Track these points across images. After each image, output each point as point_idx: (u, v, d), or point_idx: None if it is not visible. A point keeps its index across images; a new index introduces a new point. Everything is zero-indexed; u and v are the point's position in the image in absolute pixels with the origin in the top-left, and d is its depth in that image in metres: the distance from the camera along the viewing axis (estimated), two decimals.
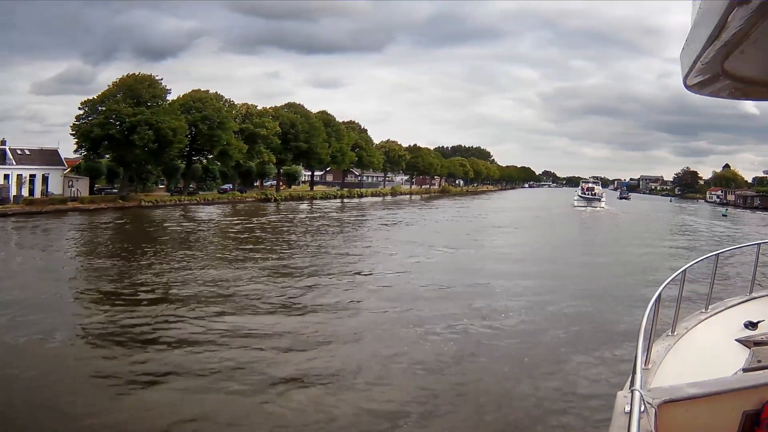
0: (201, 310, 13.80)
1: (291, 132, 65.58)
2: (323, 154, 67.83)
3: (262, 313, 13.80)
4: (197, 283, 17.10)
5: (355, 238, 30.66)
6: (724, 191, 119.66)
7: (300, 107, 69.22)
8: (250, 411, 8.33)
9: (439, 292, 16.49)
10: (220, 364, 10.06)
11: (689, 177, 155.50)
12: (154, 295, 15.40)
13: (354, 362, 10.33)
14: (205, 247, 25.82)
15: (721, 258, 5.72)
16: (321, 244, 26.95)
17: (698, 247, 30.49)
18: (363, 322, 13.20)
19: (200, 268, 19.55)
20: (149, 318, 12.99)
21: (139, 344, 11.17)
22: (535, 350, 11.36)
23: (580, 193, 79.66)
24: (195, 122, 54.28)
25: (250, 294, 15.71)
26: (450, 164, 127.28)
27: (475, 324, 13.00)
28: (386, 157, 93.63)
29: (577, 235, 38.84)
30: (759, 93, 2.67)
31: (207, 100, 55.83)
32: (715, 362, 4.03)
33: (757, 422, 2.77)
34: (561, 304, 15.31)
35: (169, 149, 50.34)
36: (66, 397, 8.56)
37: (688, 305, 5.05)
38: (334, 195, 74.34)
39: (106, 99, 51.28)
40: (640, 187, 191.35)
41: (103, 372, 9.61)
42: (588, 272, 21.23)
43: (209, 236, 30.42)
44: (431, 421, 8.16)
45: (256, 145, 61.10)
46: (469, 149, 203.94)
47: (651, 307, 3.41)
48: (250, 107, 62.30)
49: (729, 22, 1.68)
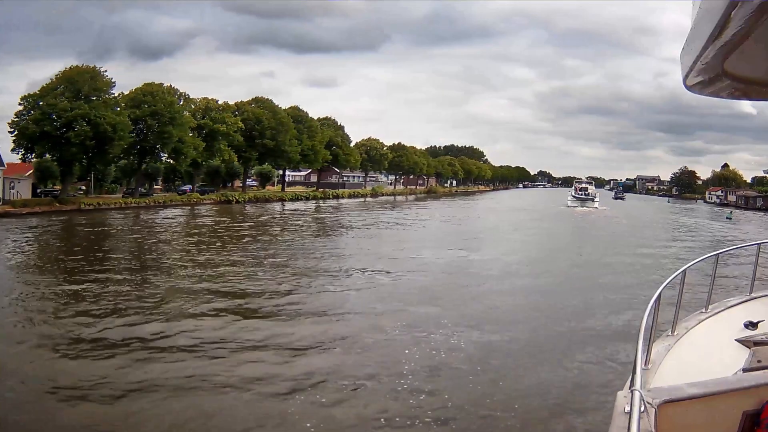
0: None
1: (256, 128, 60.79)
2: (291, 152, 62.90)
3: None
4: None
5: (287, 258, 25.83)
6: (725, 191, 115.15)
7: (267, 102, 64.35)
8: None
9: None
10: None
11: (687, 177, 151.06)
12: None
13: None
14: (81, 271, 20.98)
15: (721, 258, 5.65)
16: (228, 261, 22.15)
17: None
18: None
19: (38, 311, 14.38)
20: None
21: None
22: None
23: (574, 193, 78.63)
24: (143, 117, 49.47)
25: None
26: (438, 164, 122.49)
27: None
28: (367, 155, 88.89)
29: (558, 247, 33.88)
30: (759, 93, 2.70)
31: (158, 94, 50.99)
32: (715, 362, 4.01)
33: (757, 422, 2.76)
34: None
35: (109, 147, 45.46)
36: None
37: (688, 305, 4.89)
38: (307, 196, 69.35)
39: (46, 93, 46.59)
40: (637, 187, 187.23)
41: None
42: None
43: (97, 252, 25.48)
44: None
45: (216, 143, 56.41)
46: (462, 149, 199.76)
47: (651, 307, 3.43)
48: (210, 102, 57.39)
49: (729, 21, 1.69)
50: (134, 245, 25.88)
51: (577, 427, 7.75)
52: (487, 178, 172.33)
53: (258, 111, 61.28)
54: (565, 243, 30.63)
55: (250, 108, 62.09)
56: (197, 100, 57.60)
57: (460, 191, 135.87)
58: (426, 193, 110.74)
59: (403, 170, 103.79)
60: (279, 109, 64.00)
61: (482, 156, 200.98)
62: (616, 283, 18.41)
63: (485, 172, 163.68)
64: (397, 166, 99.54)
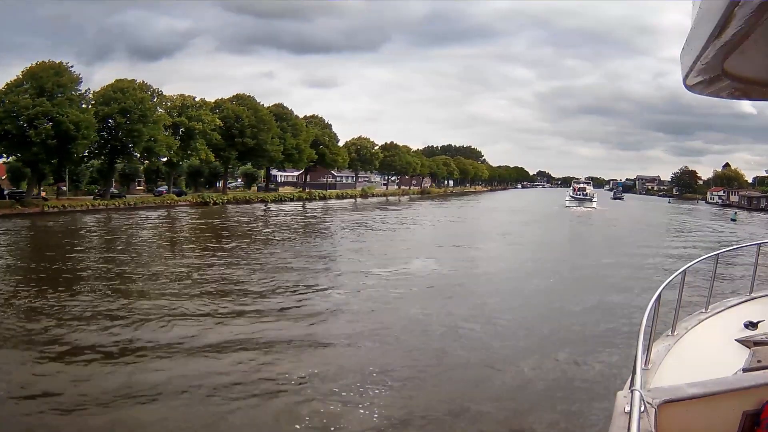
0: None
1: (236, 126, 58.19)
2: (273, 152, 60.23)
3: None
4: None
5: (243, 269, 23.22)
6: (727, 191, 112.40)
7: (249, 99, 61.71)
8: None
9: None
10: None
11: (688, 177, 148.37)
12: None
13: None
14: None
15: (721, 258, 5.56)
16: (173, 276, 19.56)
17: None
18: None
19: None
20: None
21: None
22: None
23: (572, 193, 78.26)
24: (111, 115, 46.87)
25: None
26: (433, 163, 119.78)
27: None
28: (357, 155, 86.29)
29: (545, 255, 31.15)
30: (759, 93, 2.71)
31: (129, 91, 48.38)
32: (715, 362, 4.00)
33: (757, 422, 2.75)
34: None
35: (72, 146, 42.89)
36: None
37: (688, 305, 4.89)
38: (291, 197, 66.65)
39: (10, 91, 44.10)
40: (637, 188, 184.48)
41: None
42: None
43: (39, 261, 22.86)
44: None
45: (193, 142, 53.81)
46: (460, 148, 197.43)
47: (651, 307, 3.41)
48: (187, 99, 54.75)
49: (729, 21, 1.70)
50: (56, 254, 23.06)
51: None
52: (485, 178, 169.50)
53: (238, 108, 58.67)
54: (553, 257, 27.19)
55: (230, 105, 59.47)
56: (174, 97, 55.03)
57: (456, 192, 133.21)
58: (420, 194, 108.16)
59: (396, 170, 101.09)
60: (260, 107, 61.37)
61: (480, 156, 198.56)
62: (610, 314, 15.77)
63: (482, 172, 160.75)
64: (389, 166, 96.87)
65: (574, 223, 48.45)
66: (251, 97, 62.23)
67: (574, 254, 27.40)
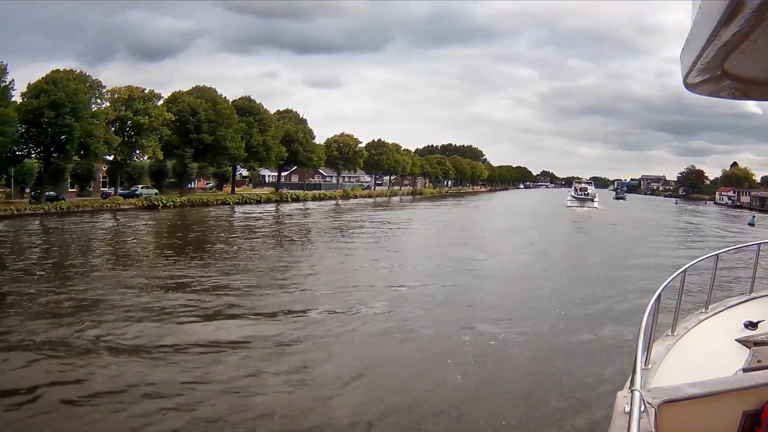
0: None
1: (191, 121, 52.60)
2: (234, 149, 54.54)
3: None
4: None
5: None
6: (737, 192, 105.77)
7: (209, 91, 56.08)
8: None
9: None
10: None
11: (694, 176, 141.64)
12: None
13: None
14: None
15: (720, 258, 5.46)
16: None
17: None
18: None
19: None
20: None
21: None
22: None
23: (574, 193, 77.83)
24: (39, 109, 41.43)
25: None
26: (426, 162, 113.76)
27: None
28: (339, 153, 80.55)
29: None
30: (759, 93, 2.69)
31: (62, 82, 42.92)
32: (715, 362, 3.96)
33: (757, 422, 2.73)
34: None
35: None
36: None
37: (688, 305, 4.78)
38: (258, 199, 60.91)
39: None
40: (641, 188, 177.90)
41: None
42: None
43: None
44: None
45: (140, 138, 48.29)
46: (460, 148, 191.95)
47: (651, 306, 3.39)
48: (134, 90, 49.21)
49: (729, 21, 1.69)
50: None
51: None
52: (485, 178, 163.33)
53: (194, 101, 53.02)
54: (545, 277, 21.39)
55: (187, 98, 53.87)
56: (121, 89, 49.53)
57: (452, 192, 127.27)
58: (411, 195, 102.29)
59: (383, 169, 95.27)
60: (221, 99, 55.67)
61: (481, 155, 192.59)
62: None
63: (481, 171, 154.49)
64: (375, 165, 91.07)
65: (574, 232, 42.22)
66: (212, 88, 56.71)
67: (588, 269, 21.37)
